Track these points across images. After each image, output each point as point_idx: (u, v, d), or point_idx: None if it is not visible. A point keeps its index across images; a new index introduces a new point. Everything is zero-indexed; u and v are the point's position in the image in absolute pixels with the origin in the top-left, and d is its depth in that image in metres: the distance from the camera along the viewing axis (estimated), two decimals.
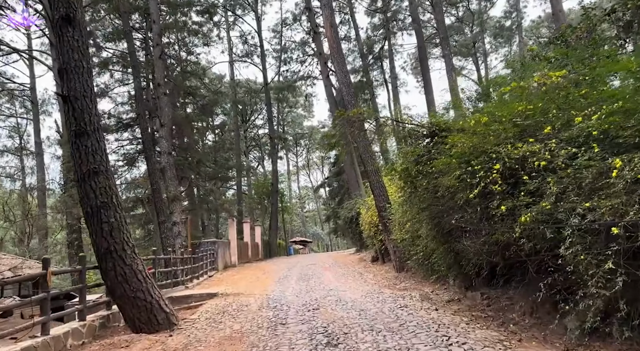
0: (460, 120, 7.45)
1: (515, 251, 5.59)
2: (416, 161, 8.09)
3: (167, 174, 20.29)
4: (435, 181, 7.45)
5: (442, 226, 7.80)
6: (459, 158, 6.45)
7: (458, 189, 6.45)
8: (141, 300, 7.87)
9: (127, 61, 21.41)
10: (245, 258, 27.75)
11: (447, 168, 6.74)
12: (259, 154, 56.24)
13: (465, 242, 6.76)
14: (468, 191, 6.07)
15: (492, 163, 5.80)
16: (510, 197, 5.56)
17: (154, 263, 11.23)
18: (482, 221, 6.19)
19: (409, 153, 8.05)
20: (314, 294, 10.78)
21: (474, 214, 6.25)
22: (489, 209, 5.92)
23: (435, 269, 10.38)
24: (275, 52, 43.17)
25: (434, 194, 7.44)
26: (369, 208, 18.24)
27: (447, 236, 7.88)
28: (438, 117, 8.06)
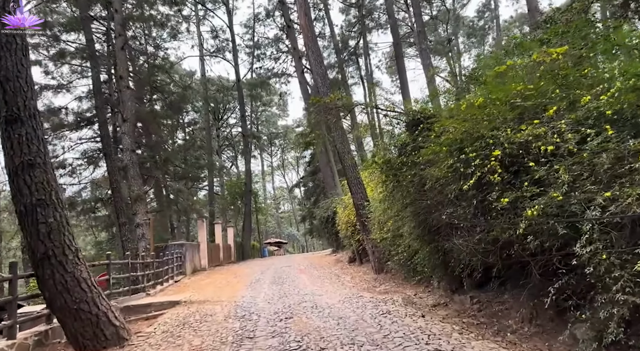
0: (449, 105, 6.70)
1: (517, 250, 4.86)
2: (400, 152, 7.31)
3: (129, 172, 18.91)
4: (421, 173, 6.68)
5: (428, 224, 7.04)
6: (449, 146, 5.70)
7: (449, 181, 5.70)
8: (85, 312, 6.77)
9: (87, 52, 19.90)
10: (217, 261, 26.49)
11: (436, 158, 5.98)
12: (232, 153, 54.78)
13: (456, 241, 6.00)
14: (461, 182, 5.32)
15: (489, 150, 5.06)
16: (512, 188, 4.83)
17: (109, 269, 10.05)
18: (477, 216, 5.45)
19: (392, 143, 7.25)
20: (287, 300, 9.87)
21: (468, 209, 5.50)
22: (485, 203, 5.18)
23: (418, 271, 9.67)
24: (247, 48, 42.01)
25: (420, 187, 6.68)
26: (345, 207, 17.47)
27: (434, 235, 7.14)
28: (422, 105, 7.32)
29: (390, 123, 7.76)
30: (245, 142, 37.64)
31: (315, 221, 32.65)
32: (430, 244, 7.16)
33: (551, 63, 5.55)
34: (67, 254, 6.77)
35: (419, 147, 6.92)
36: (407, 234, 8.57)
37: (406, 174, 6.92)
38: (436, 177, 5.78)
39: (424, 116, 7.21)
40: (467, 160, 5.30)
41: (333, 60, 36.54)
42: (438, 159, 5.92)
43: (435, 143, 5.90)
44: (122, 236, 18.48)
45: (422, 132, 6.92)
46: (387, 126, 8.92)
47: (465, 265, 6.19)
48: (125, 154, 19.22)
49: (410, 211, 7.63)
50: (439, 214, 6.33)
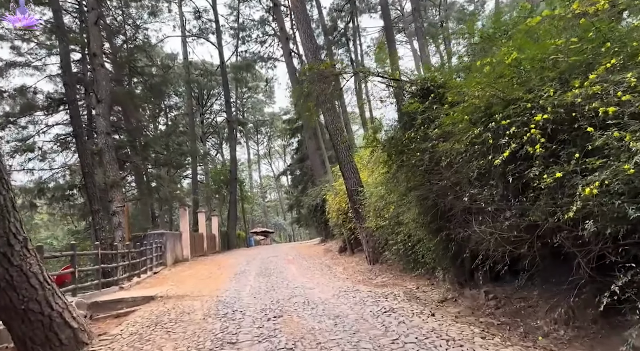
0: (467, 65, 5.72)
1: (561, 238, 3.94)
2: (406, 126, 6.33)
3: (105, 157, 17.58)
4: (432, 150, 5.72)
5: (438, 209, 6.11)
6: (471, 114, 4.73)
7: (472, 157, 4.73)
8: (35, 312, 5.69)
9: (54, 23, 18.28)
10: (200, 251, 25.39)
11: (454, 130, 5.00)
12: (217, 140, 53.27)
13: (476, 228, 5.07)
14: (491, 156, 4.36)
15: (527, 116, 4.11)
16: (557, 162, 3.89)
17: (73, 260, 8.91)
18: (507, 198, 4.51)
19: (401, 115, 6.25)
20: (275, 294, 8.91)
21: (495, 190, 4.56)
22: (520, 181, 4.24)
23: (419, 262, 8.79)
24: (232, 29, 40.32)
25: (433, 166, 5.72)
26: (337, 194, 16.52)
27: (445, 222, 6.22)
28: (432, 72, 6.33)
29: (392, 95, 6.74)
30: (230, 128, 36.25)
31: (303, 210, 31.68)
32: (441, 233, 6.23)
33: (594, 15, 4.60)
34: (12, 244, 5.65)
35: (430, 120, 5.95)
36: (410, 221, 7.65)
37: (415, 151, 5.95)
38: (457, 151, 4.81)
39: (434, 84, 6.23)
40: (496, 129, 4.34)
41: (321, 42, 35.16)
42: (457, 132, 4.95)
43: (455, 112, 4.91)
44: (95, 224, 17.20)
45: (434, 103, 5.94)
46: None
47: (485, 256, 5.29)
48: (100, 137, 17.87)
49: (416, 195, 6.69)
50: (454, 197, 5.39)
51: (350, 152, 12.66)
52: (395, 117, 7.18)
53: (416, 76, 6.69)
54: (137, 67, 27.77)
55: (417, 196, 6.65)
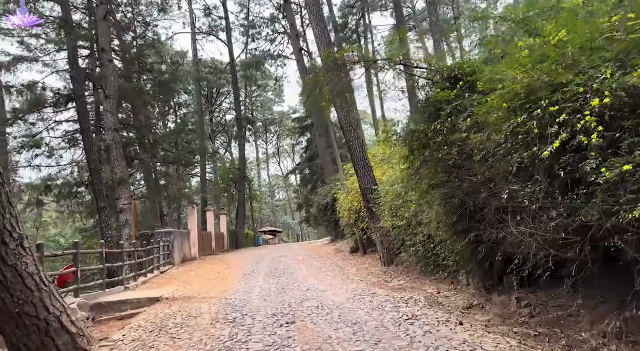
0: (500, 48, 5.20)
1: (622, 240, 3.42)
2: (431, 117, 5.82)
3: (112, 153, 17.28)
4: (461, 143, 5.22)
5: (467, 208, 5.60)
6: (512, 101, 4.22)
7: (512, 149, 4.22)
8: (30, 316, 5.29)
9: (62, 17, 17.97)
10: (208, 250, 25.04)
11: (489, 119, 4.49)
12: (226, 139, 53.05)
13: (513, 228, 4.56)
14: (536, 147, 3.85)
15: (581, 102, 3.59)
16: (617, 153, 3.38)
17: (76, 259, 8.53)
18: (554, 195, 3.99)
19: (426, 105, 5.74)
20: (286, 296, 8.45)
21: (539, 186, 4.04)
22: (570, 175, 3.73)
23: (440, 264, 8.28)
24: (242, 27, 40.00)
25: (462, 160, 5.21)
26: (348, 192, 16.04)
27: (473, 222, 5.70)
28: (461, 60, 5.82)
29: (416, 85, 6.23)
30: (239, 126, 35.90)
31: (313, 209, 31.23)
32: (469, 234, 5.71)
33: None
34: (6, 242, 5.25)
35: (458, 111, 5.44)
36: (432, 221, 7.14)
37: (441, 145, 5.44)
38: (494, 143, 4.30)
39: (462, 72, 5.72)
40: (542, 117, 3.83)
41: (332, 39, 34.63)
42: (492, 121, 4.44)
43: (492, 99, 4.40)
44: (101, 222, 16.90)
45: (463, 92, 5.43)
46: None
47: (523, 260, 4.77)
48: (108, 133, 17.57)
49: (440, 193, 6.18)
50: (488, 194, 4.88)
51: (364, 149, 12.17)
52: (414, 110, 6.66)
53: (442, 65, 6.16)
54: (146, 63, 27.53)
55: (441, 194, 6.14)
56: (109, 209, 16.84)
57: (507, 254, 5.33)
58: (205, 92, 43.86)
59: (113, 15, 24.12)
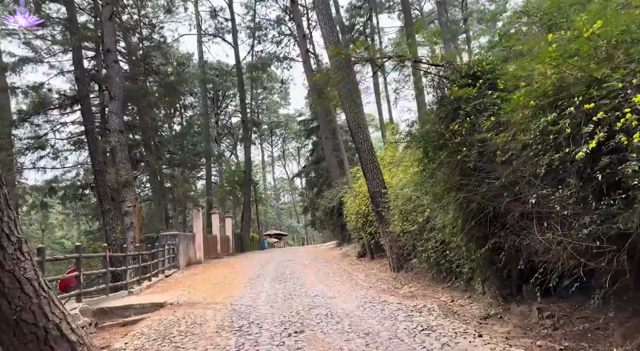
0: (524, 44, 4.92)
1: None
2: (448, 117, 5.54)
3: (117, 155, 17.13)
4: (481, 144, 4.94)
5: (486, 213, 5.32)
6: (540, 98, 3.94)
7: (540, 150, 3.94)
8: (28, 324, 5.04)
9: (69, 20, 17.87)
10: (214, 254, 24.83)
11: (514, 118, 4.22)
12: (232, 142, 52.97)
13: (539, 236, 4.27)
14: (568, 148, 3.56)
15: (621, 98, 3.31)
16: None
17: (79, 263, 8.31)
18: (587, 200, 3.70)
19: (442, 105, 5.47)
20: (294, 303, 8.18)
21: (571, 190, 3.75)
22: (607, 179, 3.44)
23: (454, 271, 7.97)
24: (248, 29, 39.91)
25: (483, 162, 4.93)
26: (356, 196, 15.76)
27: (493, 228, 5.41)
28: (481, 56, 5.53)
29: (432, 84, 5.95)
30: (245, 128, 35.74)
31: (319, 213, 30.98)
32: (487, 240, 5.42)
33: None
34: (4, 246, 5.01)
35: (477, 110, 5.17)
36: (447, 226, 6.86)
37: (460, 146, 5.16)
38: (521, 143, 4.02)
39: (481, 70, 5.44)
40: (575, 116, 3.54)
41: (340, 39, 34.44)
42: (516, 121, 4.16)
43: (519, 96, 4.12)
44: (105, 225, 16.72)
45: (484, 90, 5.15)
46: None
47: (548, 269, 4.48)
48: (113, 135, 17.42)
49: (456, 197, 5.89)
50: (512, 199, 4.59)
51: (373, 151, 11.89)
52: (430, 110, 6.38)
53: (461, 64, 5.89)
54: (152, 65, 27.47)
55: (458, 198, 5.85)
56: (114, 212, 16.66)
57: (529, 262, 5.04)
58: (211, 95, 43.83)
59: (119, 16, 24.10)
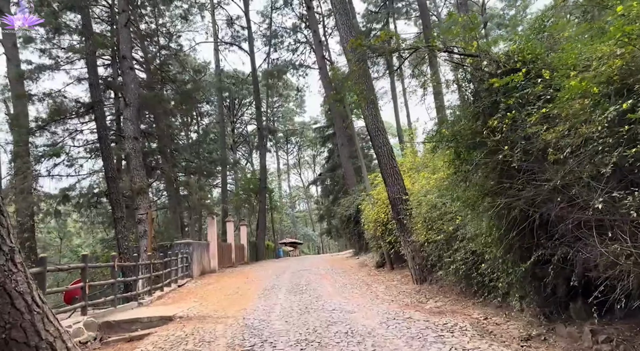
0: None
1: None
2: (485, 113, 4.93)
3: (132, 162, 16.89)
4: (530, 141, 4.31)
5: (529, 221, 4.66)
6: (605, 84, 3.31)
7: (606, 145, 3.30)
8: (19, 343, 4.54)
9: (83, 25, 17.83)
10: (228, 262, 24.40)
11: (567, 110, 3.59)
12: (247, 150, 52.93)
13: (602, 248, 3.60)
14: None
15: None
16: None
17: (84, 274, 7.87)
18: None
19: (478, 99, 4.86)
20: (311, 318, 7.58)
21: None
22: None
23: (486, 285, 7.27)
24: (264, 37, 39.86)
25: (530, 162, 4.29)
26: (374, 203, 15.10)
27: (539, 238, 4.75)
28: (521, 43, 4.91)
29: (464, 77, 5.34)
30: (261, 135, 35.46)
31: (335, 221, 30.36)
32: (533, 252, 4.75)
33: None
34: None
35: (520, 104, 4.54)
36: (480, 235, 6.19)
37: (500, 144, 4.53)
38: (583, 138, 3.39)
39: (523, 59, 4.82)
40: None
41: None
42: (576, 110, 3.53)
43: (582, 80, 3.49)
44: (117, 233, 16.42)
45: (527, 81, 4.54)
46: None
47: (611, 286, 3.80)
48: (128, 142, 17.20)
49: (493, 202, 5.24)
50: (565, 204, 3.94)
51: (393, 156, 11.27)
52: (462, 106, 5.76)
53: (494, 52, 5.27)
54: (169, 73, 27.46)
55: (495, 204, 5.20)
56: (128, 220, 16.36)
57: (583, 277, 4.36)
58: (227, 103, 43.89)
59: (137, 25, 24.14)
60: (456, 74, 5.52)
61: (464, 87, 5.43)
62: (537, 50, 4.90)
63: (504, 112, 4.63)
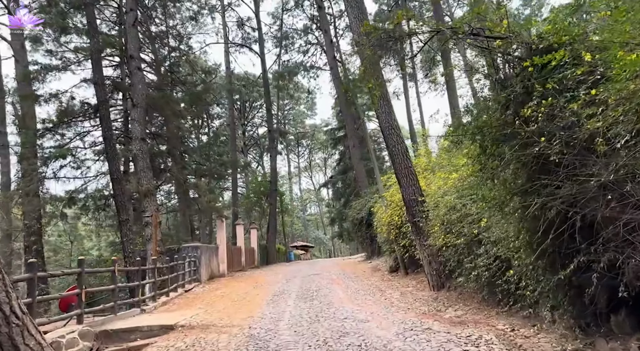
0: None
1: None
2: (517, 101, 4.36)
3: (139, 164, 16.56)
4: (572, 131, 3.74)
5: (569, 223, 4.07)
6: None
7: None
8: None
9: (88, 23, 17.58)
10: (238, 266, 23.96)
11: (629, 87, 3.02)
12: (258, 152, 52.68)
13: None
14: None
15: None
16: None
17: (80, 280, 7.44)
18: None
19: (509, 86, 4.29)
20: (321, 327, 7.05)
21: None
22: None
23: (512, 293, 6.65)
24: (275, 39, 39.55)
25: (574, 155, 3.71)
26: (387, 205, 14.52)
27: (579, 243, 4.15)
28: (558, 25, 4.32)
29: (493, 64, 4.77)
30: (271, 137, 35.08)
31: (346, 224, 29.79)
32: (572, 258, 4.16)
33: None
34: None
35: (558, 90, 3.97)
36: (507, 239, 5.60)
37: (536, 136, 3.96)
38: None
39: (559, 41, 4.25)
40: None
41: None
42: (632, 90, 2.96)
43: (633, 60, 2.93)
44: (122, 236, 16.07)
45: (566, 64, 3.97)
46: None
47: None
48: (135, 143, 16.89)
49: (524, 202, 4.66)
50: (616, 203, 3.36)
51: (408, 155, 10.70)
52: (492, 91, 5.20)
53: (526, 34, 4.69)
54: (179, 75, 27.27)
55: (525, 204, 4.62)
56: (135, 223, 16.01)
57: (636, 287, 3.77)
58: (238, 105, 43.72)
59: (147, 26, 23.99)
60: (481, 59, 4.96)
61: (491, 75, 4.87)
62: (575, 31, 4.32)
63: (538, 99, 4.06)
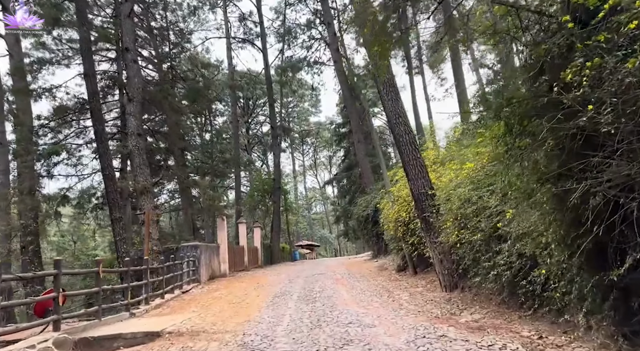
0: None
1: None
2: (553, 67, 3.61)
3: (135, 160, 15.93)
4: (619, 101, 2.99)
5: (617, 213, 3.32)
6: None
7: None
8: None
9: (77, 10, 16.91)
10: (240, 266, 23.30)
11: None
12: (262, 150, 52.03)
13: None
14: None
15: None
16: None
17: (57, 282, 6.74)
18: None
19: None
20: (322, 334, 6.34)
21: None
22: None
23: (537, 295, 5.89)
24: (277, 34, 38.81)
25: (629, 131, 2.97)
26: (395, 201, 13.78)
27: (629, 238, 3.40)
28: None
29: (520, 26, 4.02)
30: (274, 134, 34.36)
31: (352, 222, 29.05)
32: (630, 254, 3.41)
33: None
34: None
35: (604, 49, 3.23)
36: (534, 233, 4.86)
37: (579, 105, 3.22)
38: None
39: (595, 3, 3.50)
40: None
41: None
42: None
43: None
44: (115, 235, 15.45)
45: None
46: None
47: None
48: (131, 138, 16.26)
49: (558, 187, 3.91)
50: None
51: (417, 146, 9.96)
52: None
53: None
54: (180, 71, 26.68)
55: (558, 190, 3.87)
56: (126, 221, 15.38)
57: None
58: (241, 103, 43.08)
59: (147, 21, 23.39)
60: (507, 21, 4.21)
61: (517, 38, 4.12)
62: None
63: (582, 61, 3.31)
